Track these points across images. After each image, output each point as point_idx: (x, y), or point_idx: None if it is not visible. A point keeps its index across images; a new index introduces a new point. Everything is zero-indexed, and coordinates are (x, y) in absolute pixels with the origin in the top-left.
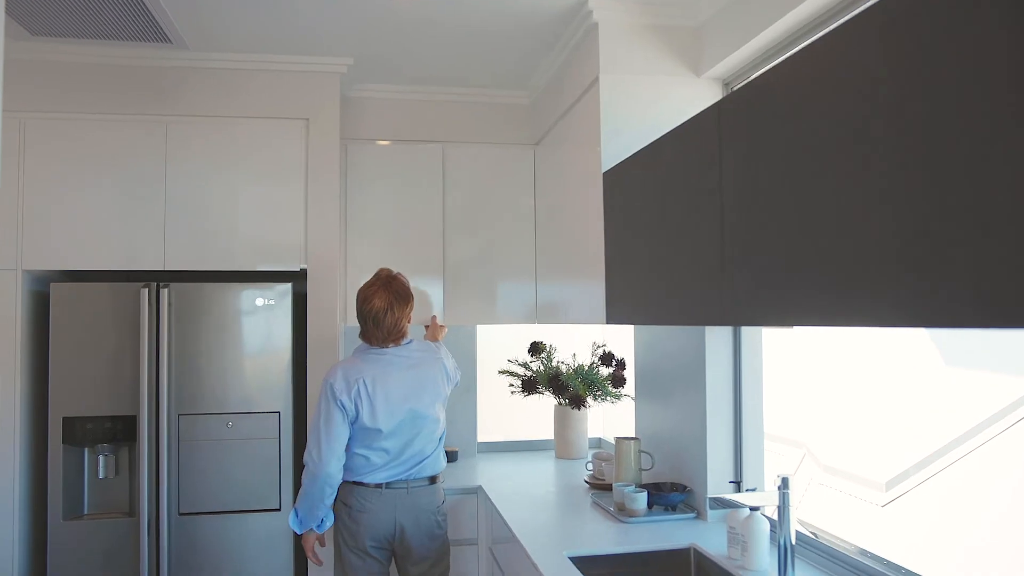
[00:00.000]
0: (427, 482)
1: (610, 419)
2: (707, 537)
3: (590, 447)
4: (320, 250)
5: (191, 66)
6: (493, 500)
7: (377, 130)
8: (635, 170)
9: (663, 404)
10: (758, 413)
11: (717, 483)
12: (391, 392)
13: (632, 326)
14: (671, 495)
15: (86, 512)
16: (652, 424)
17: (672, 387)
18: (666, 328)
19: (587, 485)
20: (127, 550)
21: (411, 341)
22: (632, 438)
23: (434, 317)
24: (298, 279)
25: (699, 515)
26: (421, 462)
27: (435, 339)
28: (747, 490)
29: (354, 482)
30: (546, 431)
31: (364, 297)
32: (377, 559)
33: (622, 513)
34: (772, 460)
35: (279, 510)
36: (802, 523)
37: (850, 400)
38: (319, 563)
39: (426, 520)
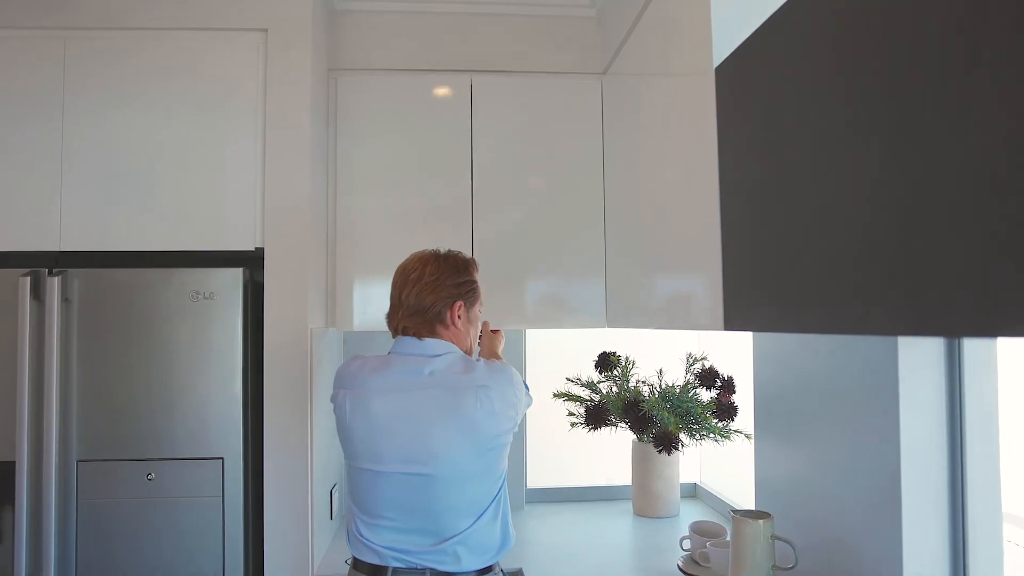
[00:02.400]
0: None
1: (711, 460)
2: None
3: (683, 497)
4: (283, 222)
5: None
6: None
7: (378, 56)
8: (788, 66)
9: (806, 450)
10: (992, 480)
11: None
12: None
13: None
14: None
15: None
16: (787, 482)
17: (825, 426)
18: (807, 337)
19: (682, 574)
20: None
21: (445, 351)
22: (758, 515)
23: (486, 322)
24: (253, 263)
25: None
26: (442, 541)
27: (494, 354)
28: None
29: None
30: (621, 474)
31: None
32: None
33: None
34: (1016, 558)
35: None
36: None
37: None
38: None
39: None
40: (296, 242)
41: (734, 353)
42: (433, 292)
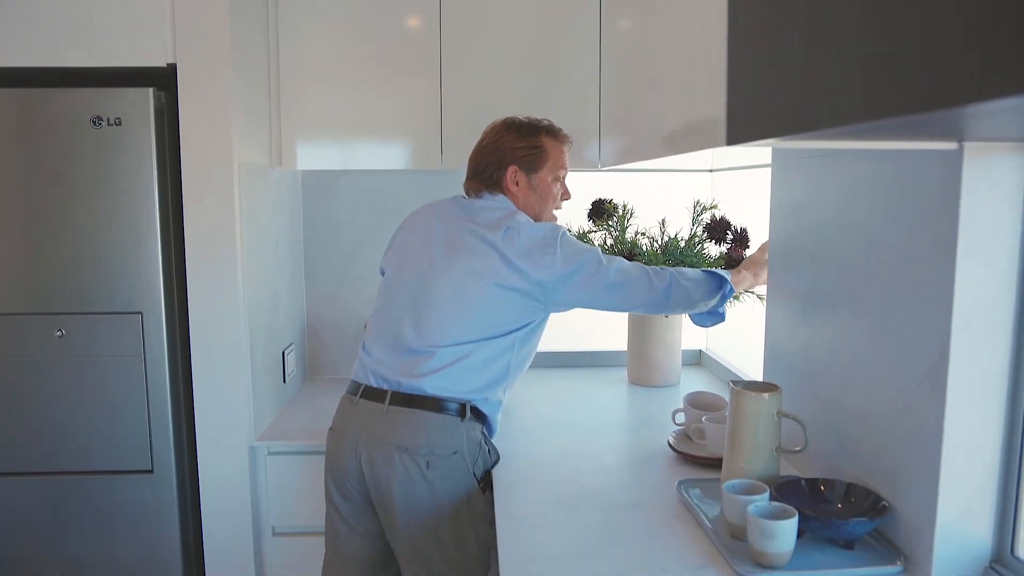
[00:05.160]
0: (416, 403)
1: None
2: None
3: (685, 365)
4: (199, 34)
5: None
6: (496, 485)
7: None
8: None
9: (828, 315)
10: None
11: (961, 502)
12: (411, 234)
13: (768, 172)
14: (849, 523)
15: None
16: (802, 351)
17: (854, 286)
18: (842, 170)
19: (673, 452)
20: None
21: (493, 203)
22: (763, 387)
23: None
24: (168, 87)
25: (909, 567)
26: (419, 360)
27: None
28: None
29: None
30: (615, 340)
31: None
32: (341, 512)
33: (739, 553)
34: None
35: (151, 472)
36: None
37: None
38: None
39: (401, 467)
40: (216, 59)
41: (745, 205)
42: (488, 155)
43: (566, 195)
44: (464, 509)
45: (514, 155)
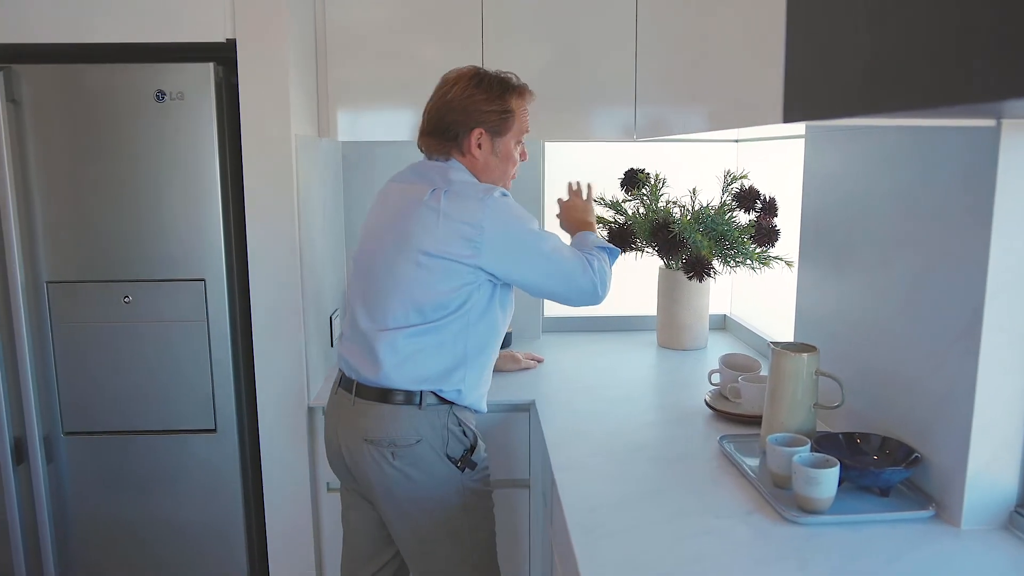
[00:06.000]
0: (374, 395)
1: (742, 291)
2: None
3: (711, 329)
4: (261, 7)
5: None
6: (548, 441)
7: None
8: None
9: (860, 277)
10: None
11: (989, 452)
12: (372, 210)
13: (792, 144)
14: (885, 472)
15: None
16: (833, 314)
17: (887, 250)
18: (875, 142)
19: (709, 410)
20: None
21: (454, 168)
22: (801, 347)
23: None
24: (227, 62)
25: (940, 512)
26: (373, 348)
27: (579, 225)
28: None
29: None
30: (644, 305)
31: None
32: (342, 488)
33: (783, 500)
34: None
35: (214, 431)
36: None
37: None
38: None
39: (371, 458)
40: (274, 34)
41: (769, 175)
42: (455, 113)
43: (524, 156)
44: (450, 494)
45: (482, 118)
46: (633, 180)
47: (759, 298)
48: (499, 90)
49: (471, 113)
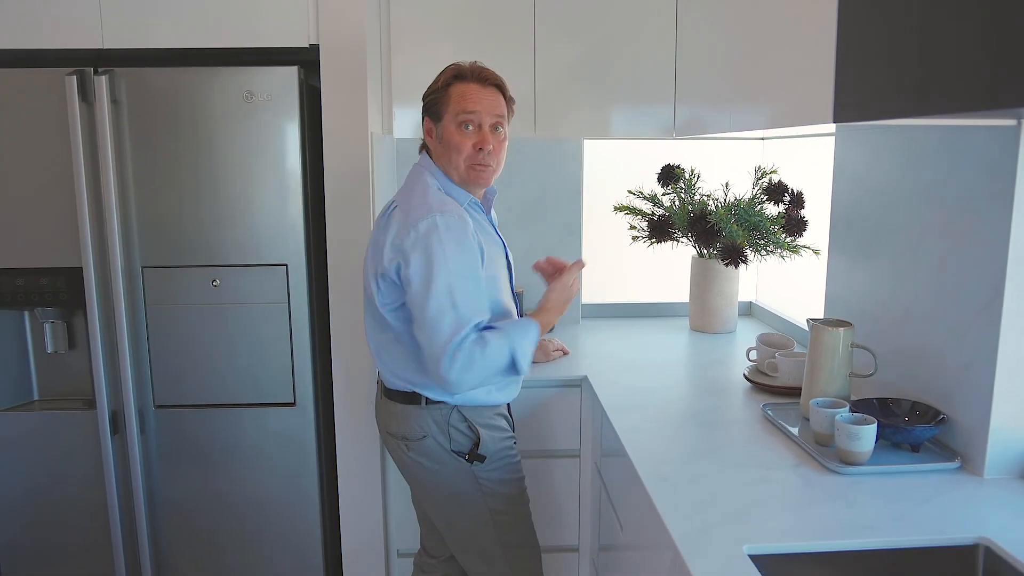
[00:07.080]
0: (386, 392)
1: (767, 279)
2: (995, 516)
3: (739, 315)
4: (342, 16)
5: None
6: (608, 412)
7: None
8: None
9: (887, 260)
10: None
11: (1010, 411)
12: None
13: (819, 142)
14: (915, 428)
15: (36, 398)
16: (862, 294)
17: (913, 235)
18: (901, 137)
19: (748, 383)
20: (92, 448)
21: (421, 164)
22: (837, 323)
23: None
24: (308, 62)
25: (965, 464)
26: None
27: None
28: None
29: None
30: (675, 292)
31: None
32: None
33: (827, 456)
34: None
35: (294, 404)
36: None
37: None
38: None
39: (395, 450)
40: (355, 38)
41: (799, 169)
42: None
43: (481, 142)
44: (466, 482)
45: (426, 104)
46: (669, 175)
47: (782, 286)
48: (442, 75)
49: (423, 101)
